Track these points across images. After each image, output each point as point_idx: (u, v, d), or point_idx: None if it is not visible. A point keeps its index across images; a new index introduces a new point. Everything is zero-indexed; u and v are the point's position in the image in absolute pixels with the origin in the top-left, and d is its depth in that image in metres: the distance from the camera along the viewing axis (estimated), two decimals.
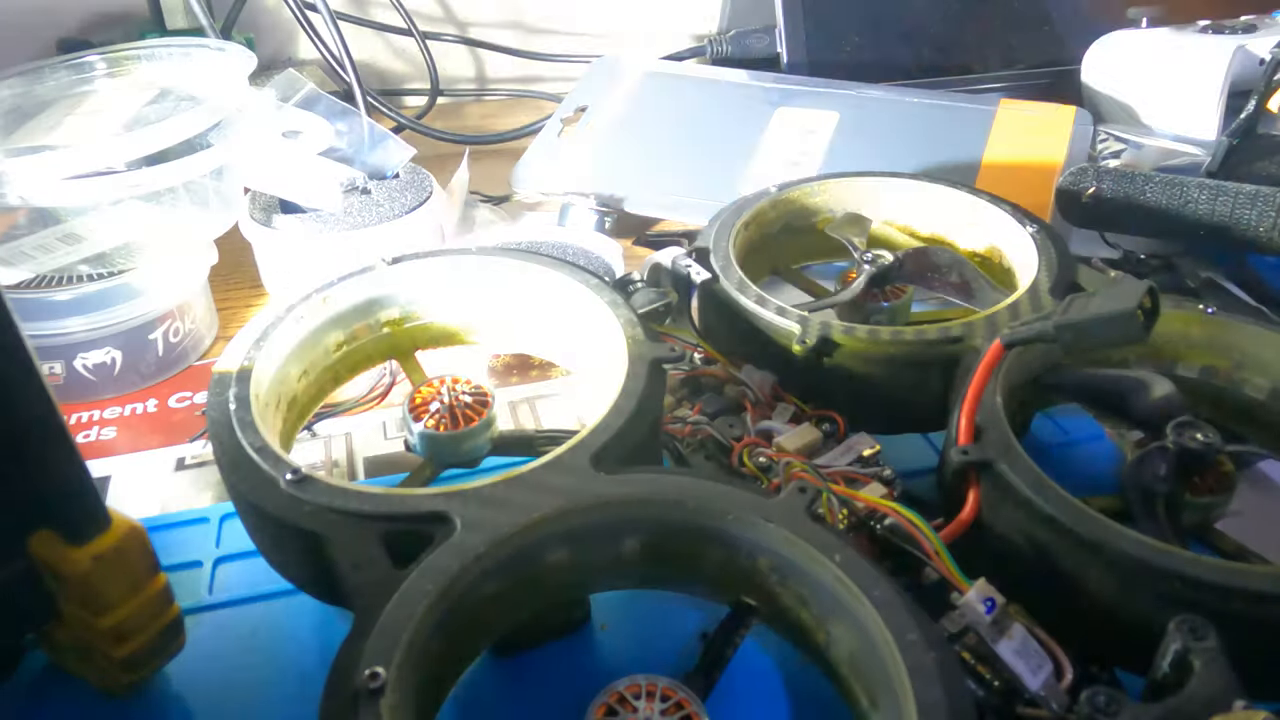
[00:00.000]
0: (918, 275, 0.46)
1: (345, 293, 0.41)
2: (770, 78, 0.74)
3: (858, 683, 0.28)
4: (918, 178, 0.50)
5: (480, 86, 0.95)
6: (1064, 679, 0.28)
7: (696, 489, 0.30)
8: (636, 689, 0.28)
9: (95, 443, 0.49)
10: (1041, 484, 0.31)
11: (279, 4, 0.84)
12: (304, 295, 0.40)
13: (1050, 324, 0.34)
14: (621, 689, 0.28)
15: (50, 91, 0.62)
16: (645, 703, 0.27)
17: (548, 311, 0.42)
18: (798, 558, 0.29)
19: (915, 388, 0.39)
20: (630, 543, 0.31)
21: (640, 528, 0.30)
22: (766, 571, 0.30)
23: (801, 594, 0.29)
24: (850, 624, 0.28)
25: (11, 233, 0.52)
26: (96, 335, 0.50)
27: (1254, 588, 0.27)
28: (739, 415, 0.39)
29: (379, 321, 0.42)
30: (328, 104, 0.63)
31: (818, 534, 0.28)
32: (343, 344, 0.41)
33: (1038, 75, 0.79)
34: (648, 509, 0.30)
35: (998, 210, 0.47)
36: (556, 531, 0.30)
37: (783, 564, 0.29)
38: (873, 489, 0.34)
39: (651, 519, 0.30)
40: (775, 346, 0.40)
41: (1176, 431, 0.34)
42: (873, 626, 0.26)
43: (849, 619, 0.28)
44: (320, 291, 0.40)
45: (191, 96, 0.58)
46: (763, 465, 0.36)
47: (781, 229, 0.50)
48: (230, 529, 0.41)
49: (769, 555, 0.29)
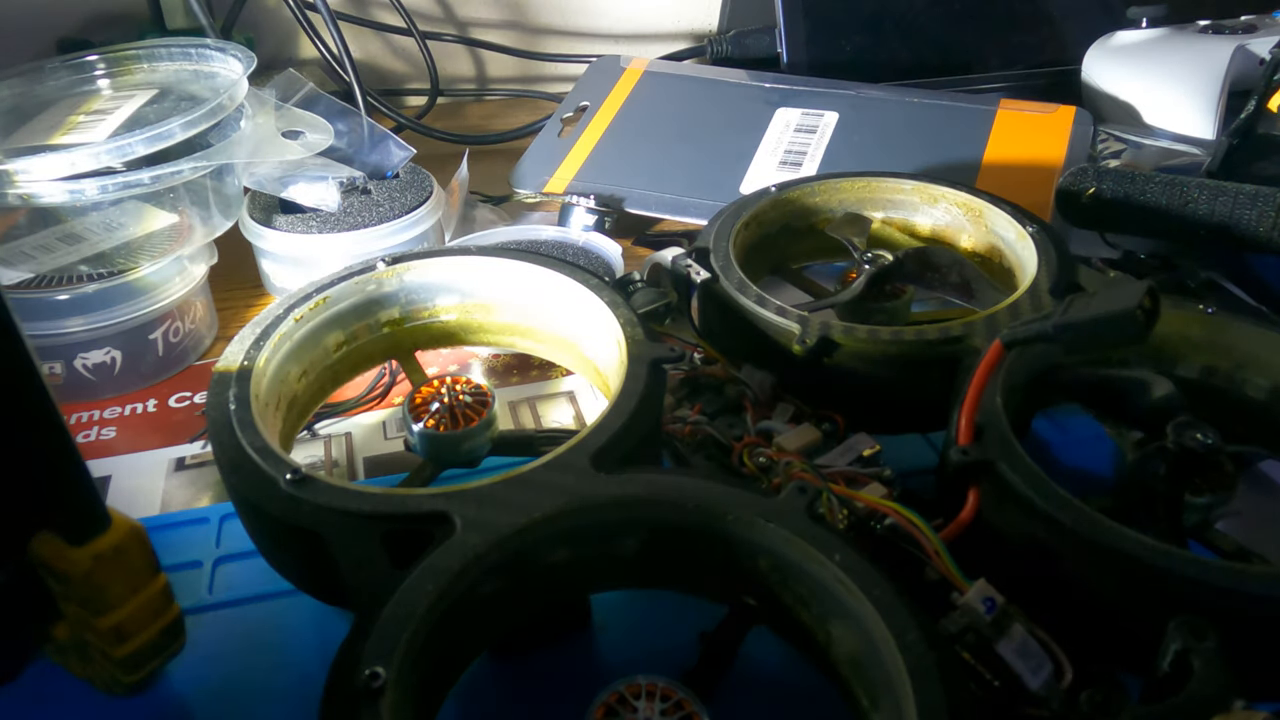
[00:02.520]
0: (918, 275, 0.46)
1: (345, 292, 0.41)
2: (770, 78, 0.74)
3: (858, 683, 0.28)
4: (917, 178, 0.50)
5: (480, 86, 0.95)
6: (1064, 679, 0.27)
7: (696, 489, 0.30)
8: (636, 689, 0.28)
9: (95, 443, 0.49)
10: (1041, 484, 0.31)
11: (279, 4, 0.84)
12: (303, 295, 0.40)
13: (1050, 324, 0.34)
14: (621, 689, 0.28)
15: (50, 91, 0.62)
16: (645, 703, 0.27)
17: (547, 311, 0.42)
18: (798, 557, 0.29)
19: (915, 388, 0.39)
20: (630, 542, 0.31)
21: (640, 527, 0.30)
22: (766, 571, 0.30)
23: (801, 594, 0.29)
24: (850, 624, 0.28)
25: (11, 233, 0.52)
26: (96, 335, 0.50)
27: (1254, 588, 0.27)
28: (739, 415, 0.39)
29: (379, 321, 0.42)
30: (328, 104, 0.63)
31: (818, 534, 0.28)
32: (343, 344, 0.41)
33: (1038, 75, 0.79)
34: (647, 509, 0.30)
35: (997, 210, 0.47)
36: (556, 531, 0.30)
37: (783, 564, 0.29)
38: (873, 489, 0.34)
39: (651, 519, 0.30)
40: (775, 346, 0.40)
41: (1176, 431, 0.34)
42: (873, 626, 0.26)
43: (849, 619, 0.28)
44: (320, 291, 0.40)
45: (191, 96, 0.58)
46: (763, 465, 0.36)
47: (781, 229, 0.50)
48: (230, 529, 0.41)
49: (769, 555, 0.29)
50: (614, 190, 0.64)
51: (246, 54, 0.60)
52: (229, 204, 0.57)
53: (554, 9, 0.93)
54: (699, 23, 0.94)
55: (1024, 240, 0.44)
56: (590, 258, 0.57)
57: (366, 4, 0.89)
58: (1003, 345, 0.35)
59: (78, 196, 0.51)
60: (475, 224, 0.66)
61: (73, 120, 0.57)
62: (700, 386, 0.41)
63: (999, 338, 0.35)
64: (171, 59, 0.63)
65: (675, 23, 0.94)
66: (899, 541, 0.31)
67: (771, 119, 0.69)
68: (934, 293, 0.46)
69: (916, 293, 0.47)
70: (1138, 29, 0.75)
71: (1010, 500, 0.31)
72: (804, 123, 0.68)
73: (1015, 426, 0.34)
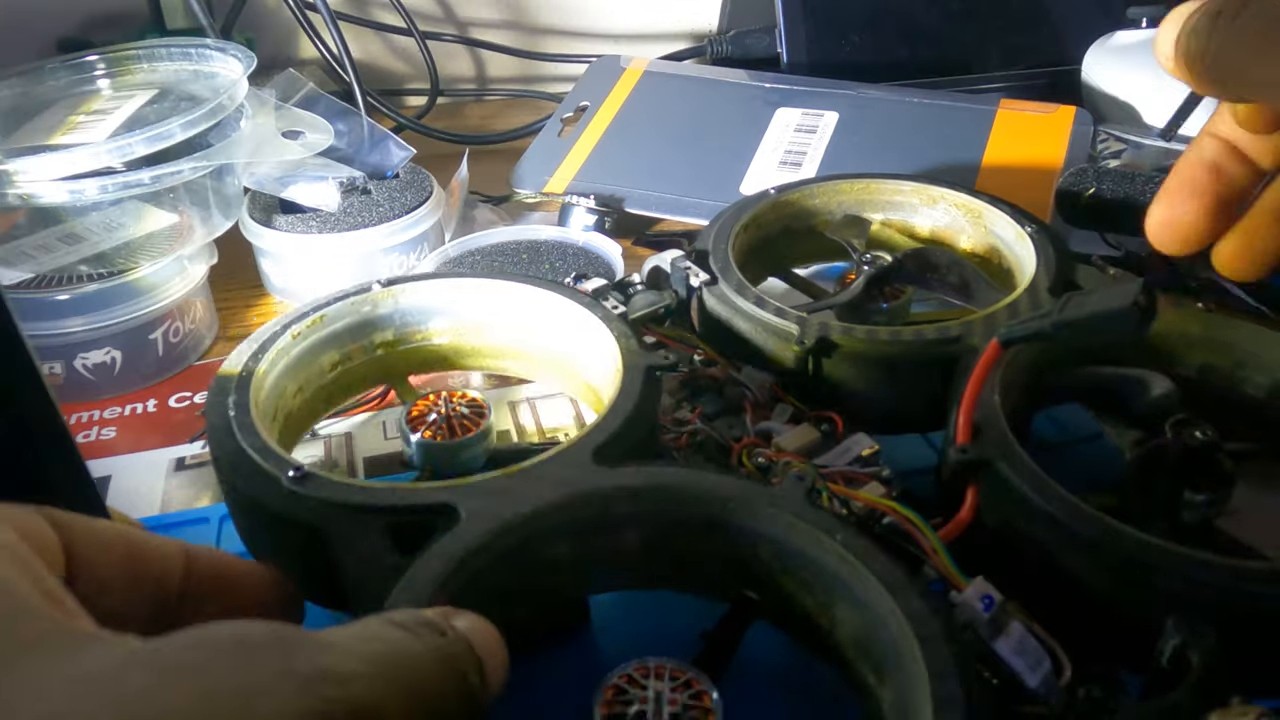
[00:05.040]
0: (917, 276, 0.46)
1: (341, 312, 0.41)
2: (770, 78, 0.74)
3: (864, 662, 0.28)
4: (916, 178, 0.50)
5: (480, 86, 0.96)
6: (1062, 676, 0.27)
7: (696, 478, 0.30)
8: (645, 670, 0.28)
9: (95, 443, 0.49)
10: (1040, 482, 0.31)
11: (279, 4, 0.84)
12: (301, 312, 0.40)
13: (1048, 322, 0.34)
14: (630, 671, 0.28)
15: (50, 91, 0.62)
16: (654, 681, 0.27)
17: (541, 330, 0.42)
18: (799, 541, 0.29)
19: (914, 388, 0.39)
20: (630, 535, 0.31)
21: (641, 519, 0.31)
22: (767, 560, 0.30)
23: (804, 578, 0.29)
24: (854, 603, 0.28)
25: (11, 233, 0.52)
26: (96, 335, 0.50)
27: (1252, 586, 0.27)
28: (738, 416, 0.39)
29: (373, 343, 0.42)
30: (328, 104, 0.64)
31: (818, 516, 0.29)
32: (338, 364, 0.41)
33: (1038, 75, 0.79)
34: (648, 498, 0.30)
35: (996, 211, 0.47)
36: (560, 521, 0.30)
37: (784, 550, 0.29)
38: (871, 489, 0.34)
39: (652, 510, 0.30)
40: (774, 347, 0.40)
41: (1175, 429, 0.34)
42: (877, 601, 0.27)
43: (852, 598, 0.28)
44: (317, 310, 0.40)
45: (191, 96, 0.58)
46: (762, 465, 0.36)
47: (781, 231, 0.50)
48: (230, 529, 0.40)
49: (770, 543, 0.30)
50: (614, 190, 0.64)
51: (246, 54, 0.60)
52: (229, 204, 0.57)
53: (554, 9, 0.93)
54: (699, 23, 0.94)
55: (1022, 240, 0.44)
56: (590, 258, 0.57)
57: (366, 4, 0.89)
58: (1000, 344, 0.35)
59: (78, 196, 0.51)
60: (475, 224, 0.66)
61: (73, 120, 0.57)
62: (700, 388, 0.41)
63: (996, 336, 0.35)
64: (171, 59, 0.64)
65: (675, 23, 0.94)
66: (898, 540, 0.31)
67: (771, 119, 0.69)
68: (933, 293, 0.46)
69: (916, 293, 0.47)
70: (1138, 29, 0.75)
71: (1009, 499, 0.31)
72: (804, 123, 0.68)
73: (1015, 426, 0.34)
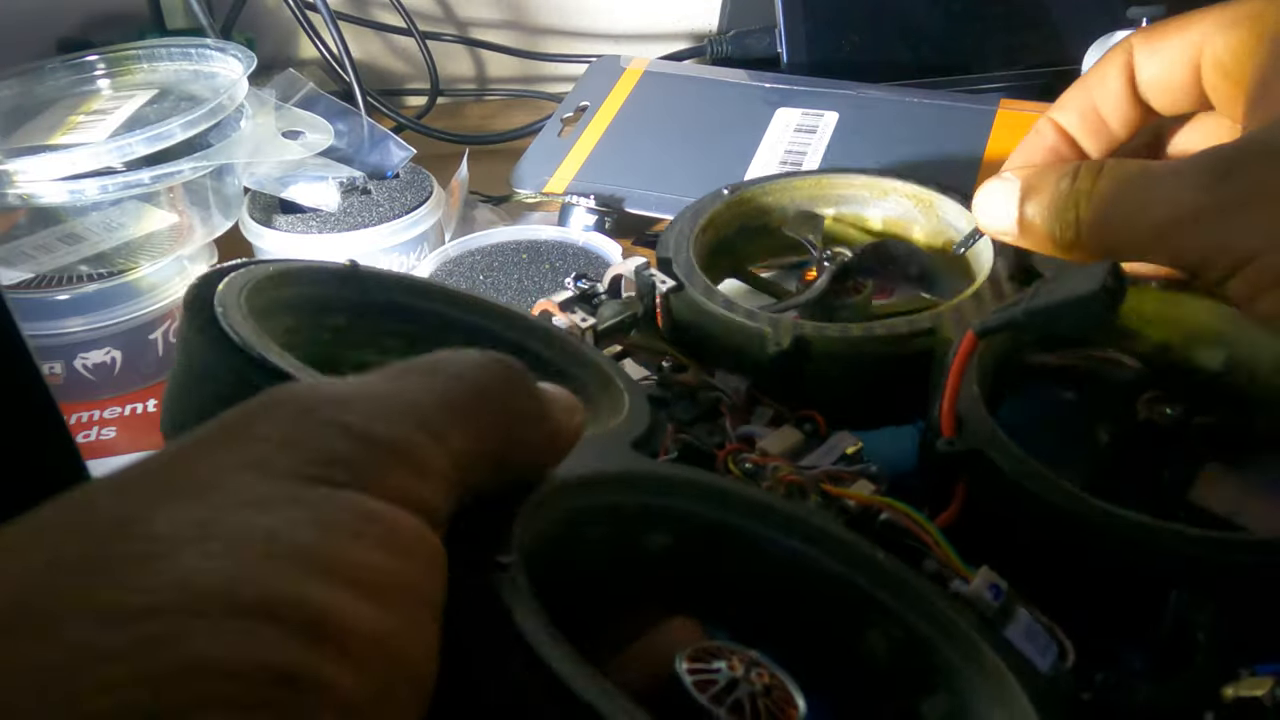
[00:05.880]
0: (878, 269, 0.46)
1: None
2: (770, 78, 0.74)
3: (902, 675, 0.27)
4: (868, 172, 0.50)
5: (480, 86, 0.95)
6: (1067, 660, 0.28)
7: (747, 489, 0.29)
8: (714, 649, 0.23)
9: (95, 443, 0.49)
10: (1029, 468, 0.31)
11: (279, 4, 0.84)
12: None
13: (1020, 311, 0.34)
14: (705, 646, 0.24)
15: (50, 91, 0.62)
16: (728, 660, 0.23)
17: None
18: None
19: (891, 381, 0.39)
20: (659, 539, 0.27)
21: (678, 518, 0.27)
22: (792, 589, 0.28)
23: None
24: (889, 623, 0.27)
25: (11, 233, 0.52)
26: (96, 335, 0.50)
27: (1246, 556, 0.28)
28: (715, 421, 0.38)
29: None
30: (328, 104, 0.64)
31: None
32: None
33: (1038, 75, 0.79)
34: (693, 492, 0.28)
35: (948, 200, 0.47)
36: (607, 501, 0.26)
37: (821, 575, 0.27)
38: (861, 486, 0.34)
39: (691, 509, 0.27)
40: (747, 350, 0.40)
41: (1147, 407, 0.35)
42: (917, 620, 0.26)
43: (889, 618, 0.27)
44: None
45: (191, 96, 0.58)
46: (749, 471, 0.35)
47: (738, 231, 0.49)
48: None
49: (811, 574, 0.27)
50: (614, 190, 0.64)
51: (246, 54, 0.60)
52: (229, 204, 0.57)
53: (554, 9, 0.93)
54: (699, 23, 0.94)
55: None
56: (590, 258, 0.57)
57: (366, 4, 0.89)
58: (976, 335, 0.35)
59: (78, 196, 0.51)
60: (475, 224, 0.66)
61: (73, 120, 0.57)
62: (674, 395, 0.40)
63: (971, 328, 0.35)
64: (171, 59, 0.64)
65: (675, 23, 0.94)
66: (897, 536, 0.31)
67: (771, 119, 0.69)
68: (894, 285, 0.45)
69: (876, 286, 0.47)
70: (1137, 29, 0.75)
71: (999, 486, 0.31)
72: (804, 123, 0.68)
73: (990, 413, 0.34)
